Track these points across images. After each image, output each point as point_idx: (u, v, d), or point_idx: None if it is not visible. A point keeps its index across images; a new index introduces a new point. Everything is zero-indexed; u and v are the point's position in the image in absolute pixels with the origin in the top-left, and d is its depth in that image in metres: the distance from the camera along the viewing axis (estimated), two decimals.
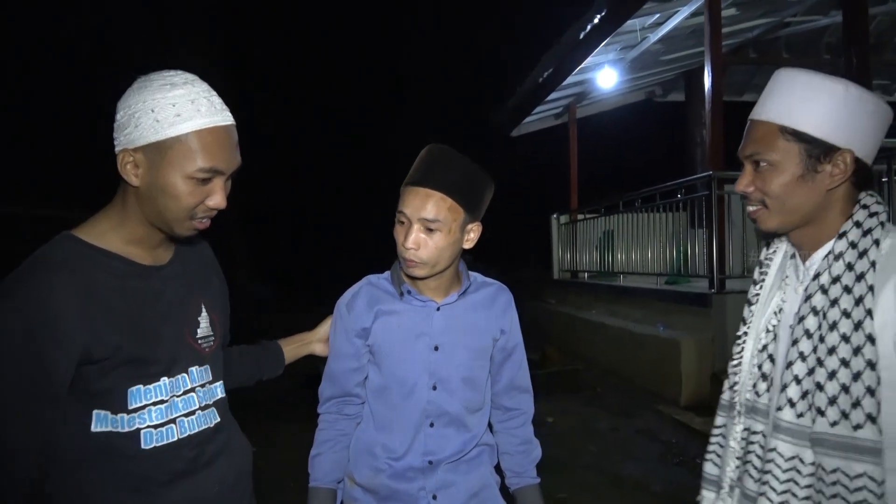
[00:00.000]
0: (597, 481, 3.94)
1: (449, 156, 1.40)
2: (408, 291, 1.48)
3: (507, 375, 1.59)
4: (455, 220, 1.38)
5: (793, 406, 1.10)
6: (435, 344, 1.47)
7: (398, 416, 1.47)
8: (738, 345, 1.28)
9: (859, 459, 1.02)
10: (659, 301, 6.62)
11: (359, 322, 1.48)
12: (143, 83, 1.10)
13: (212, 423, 1.24)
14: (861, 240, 1.09)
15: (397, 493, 1.46)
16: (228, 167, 1.14)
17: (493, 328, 1.54)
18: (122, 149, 1.10)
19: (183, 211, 1.12)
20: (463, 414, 1.49)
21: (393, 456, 1.46)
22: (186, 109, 1.08)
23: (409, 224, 1.38)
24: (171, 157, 1.08)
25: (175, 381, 1.18)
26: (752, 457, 1.18)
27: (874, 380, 1.03)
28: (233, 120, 1.15)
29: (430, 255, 1.39)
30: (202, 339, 1.25)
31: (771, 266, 1.27)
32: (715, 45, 5.76)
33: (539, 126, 11.30)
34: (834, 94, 1.09)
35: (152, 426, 1.14)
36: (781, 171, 1.11)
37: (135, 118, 1.08)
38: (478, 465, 1.53)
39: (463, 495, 1.48)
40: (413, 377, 1.46)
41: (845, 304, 1.07)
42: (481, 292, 1.55)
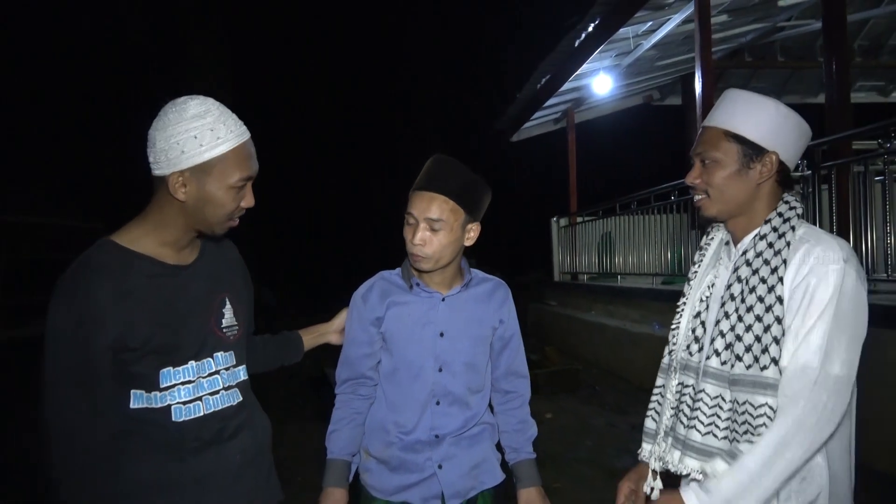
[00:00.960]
0: (591, 473, 4.10)
1: (451, 164, 1.62)
2: (416, 284, 1.67)
3: (506, 362, 1.77)
4: (456, 220, 1.60)
5: (718, 355, 1.35)
6: (440, 331, 1.66)
7: (407, 395, 1.66)
8: (677, 313, 1.52)
9: (763, 393, 1.27)
10: (655, 301, 6.77)
11: (373, 312, 1.68)
12: (178, 113, 1.28)
13: (234, 402, 1.43)
14: (781, 226, 1.35)
15: (407, 462, 1.65)
16: (255, 173, 1.36)
17: (493, 318, 1.73)
18: (172, 171, 1.28)
19: (226, 215, 1.34)
20: (465, 394, 1.68)
21: (403, 431, 1.65)
22: (222, 132, 1.29)
23: (417, 224, 1.59)
24: (214, 173, 1.30)
25: (201, 364, 1.37)
26: (684, 406, 1.41)
27: (780, 332, 1.28)
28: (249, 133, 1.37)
29: (434, 251, 1.59)
30: (226, 328, 1.44)
31: (708, 250, 1.53)
32: (705, 51, 5.91)
33: (538, 131, 11.49)
34: (767, 108, 1.34)
35: (181, 402, 1.34)
36: (723, 167, 1.36)
37: (179, 145, 1.27)
38: (479, 440, 1.72)
39: (465, 466, 1.67)
40: (420, 360, 1.66)
41: (763, 273, 1.32)
42: (482, 286, 1.75)
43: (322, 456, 1.71)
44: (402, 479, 1.65)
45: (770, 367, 1.27)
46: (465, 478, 1.67)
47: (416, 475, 1.65)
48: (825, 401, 1.22)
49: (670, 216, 7.22)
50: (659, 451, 1.47)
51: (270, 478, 1.54)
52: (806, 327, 1.25)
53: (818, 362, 1.23)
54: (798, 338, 1.26)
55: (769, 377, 1.27)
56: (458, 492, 1.66)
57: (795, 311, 1.27)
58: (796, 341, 1.26)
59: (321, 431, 1.75)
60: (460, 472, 1.67)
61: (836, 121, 4.66)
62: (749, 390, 1.28)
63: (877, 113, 8.86)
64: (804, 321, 1.25)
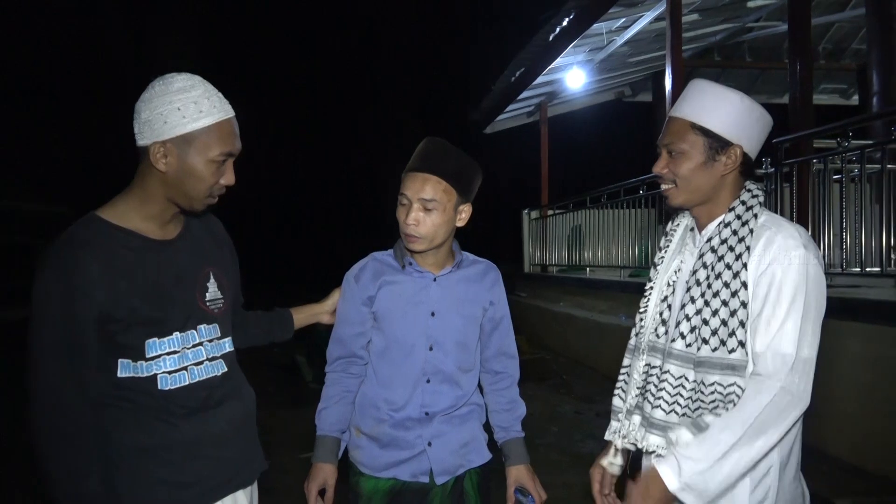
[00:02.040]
0: (558, 458, 4.21)
1: (444, 146, 1.65)
2: (409, 263, 1.69)
3: (496, 342, 1.80)
4: (449, 201, 1.62)
5: (683, 338, 1.39)
6: (432, 310, 1.69)
7: (399, 373, 1.69)
8: (644, 297, 1.58)
9: (732, 374, 1.32)
10: (623, 293, 6.91)
11: (365, 291, 1.70)
12: (164, 86, 1.32)
13: (219, 372, 1.47)
14: (744, 213, 1.40)
15: (397, 439, 1.67)
16: (237, 150, 1.38)
17: (483, 299, 1.75)
18: (153, 141, 1.31)
19: (205, 189, 1.36)
20: (456, 373, 1.71)
21: (394, 408, 1.68)
22: (205, 106, 1.32)
23: (410, 204, 1.61)
24: (196, 145, 1.32)
25: (186, 335, 1.41)
26: (650, 386, 1.47)
27: (745, 315, 1.33)
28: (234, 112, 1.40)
29: (427, 231, 1.61)
30: (210, 301, 1.47)
31: (674, 236, 1.58)
32: (676, 49, 6.04)
33: (512, 124, 11.58)
34: (732, 102, 1.38)
35: (167, 372, 1.37)
36: (689, 158, 1.40)
37: (163, 115, 1.30)
38: (468, 420, 1.74)
39: (454, 444, 1.70)
40: (412, 339, 1.68)
41: (728, 259, 1.37)
42: (473, 268, 1.77)
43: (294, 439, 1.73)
44: (392, 455, 1.67)
45: (737, 349, 1.32)
46: (454, 455, 1.70)
47: (407, 452, 1.67)
48: (797, 382, 1.29)
49: (638, 210, 7.37)
50: (624, 429, 1.52)
51: (255, 446, 1.58)
52: (778, 316, 1.30)
53: (793, 349, 1.28)
54: (771, 326, 1.30)
55: (736, 359, 1.32)
56: (447, 469, 1.69)
57: (763, 297, 1.32)
58: (769, 329, 1.30)
59: (293, 418, 1.78)
60: (449, 449, 1.69)
61: (799, 120, 4.82)
62: (717, 372, 1.33)
63: (838, 115, 9.14)
64: (775, 310, 1.30)
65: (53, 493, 1.29)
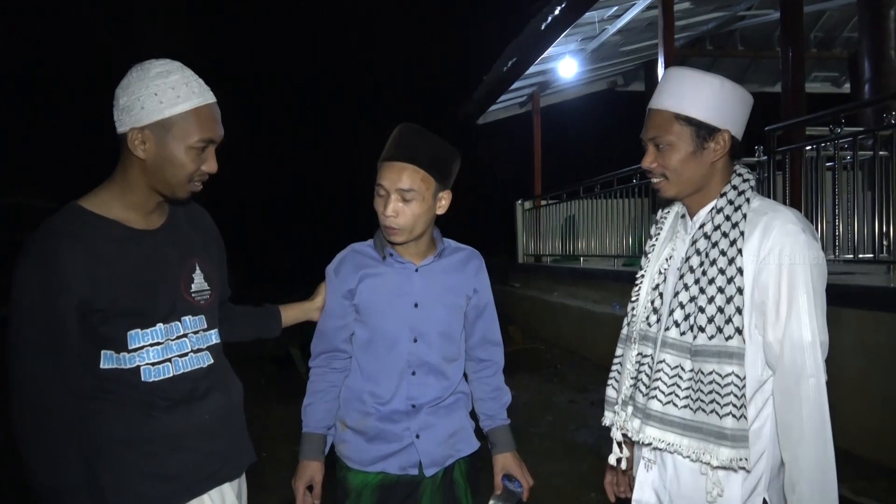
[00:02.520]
0: (552, 447, 4.22)
1: (419, 133, 1.60)
2: (390, 254, 1.65)
3: (480, 330, 1.77)
4: (428, 189, 1.57)
5: (678, 326, 1.37)
6: (415, 301, 1.65)
7: (384, 366, 1.66)
8: (635, 286, 1.55)
9: (729, 362, 1.30)
10: (616, 282, 6.92)
11: (345, 284, 1.67)
12: (141, 72, 1.30)
13: (205, 364, 1.44)
14: (736, 198, 1.37)
15: (384, 432, 1.65)
16: (219, 136, 1.35)
17: (467, 287, 1.72)
18: (130, 128, 1.29)
19: (185, 176, 1.33)
20: (441, 363, 1.67)
21: (380, 401, 1.65)
22: (183, 91, 1.29)
23: (388, 195, 1.56)
24: (174, 131, 1.29)
25: (170, 327, 1.38)
26: (642, 376, 1.45)
27: (742, 302, 1.31)
28: (215, 98, 1.37)
29: (407, 222, 1.57)
30: (196, 293, 1.44)
31: (665, 224, 1.56)
32: (668, 37, 6.02)
33: (504, 114, 11.54)
34: (713, 87, 1.35)
35: (150, 363, 1.35)
36: (677, 150, 1.37)
37: (140, 101, 1.27)
38: (454, 409, 1.72)
39: (442, 435, 1.67)
40: (396, 331, 1.65)
41: (723, 246, 1.34)
42: (455, 256, 1.73)
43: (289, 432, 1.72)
44: (379, 449, 1.65)
45: (735, 336, 1.29)
46: (443, 446, 1.67)
47: (395, 445, 1.64)
48: (822, 367, 1.29)
49: (631, 200, 7.37)
50: (619, 420, 1.51)
51: (243, 439, 1.56)
52: (788, 302, 1.28)
53: (811, 335, 1.27)
54: (781, 313, 1.28)
55: (733, 346, 1.29)
56: (436, 460, 1.66)
57: (768, 285, 1.30)
58: (780, 317, 1.28)
59: (286, 410, 1.76)
60: (437, 440, 1.67)
61: (791, 108, 4.81)
62: (714, 360, 1.31)
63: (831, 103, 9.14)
64: (784, 297, 1.28)
65: (34, 484, 1.27)
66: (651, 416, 1.39)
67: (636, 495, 1.49)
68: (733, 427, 1.28)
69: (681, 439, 1.35)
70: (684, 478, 1.38)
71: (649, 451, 1.45)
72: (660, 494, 1.44)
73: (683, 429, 1.34)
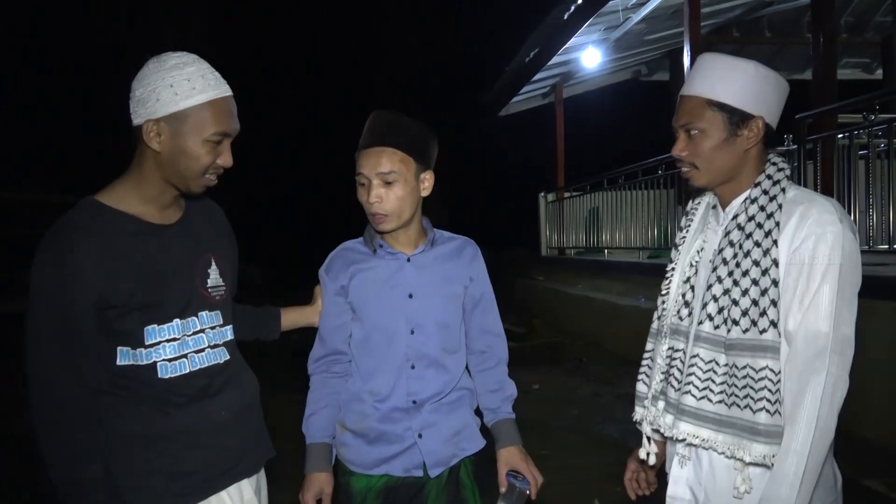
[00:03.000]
0: (576, 441, 4.18)
1: (391, 116, 1.57)
2: (380, 246, 1.62)
3: (478, 321, 1.72)
4: (409, 170, 1.54)
5: (711, 320, 1.33)
6: (409, 292, 1.61)
7: (382, 361, 1.61)
8: (666, 279, 1.51)
9: (763, 356, 1.26)
10: (640, 275, 6.85)
11: (337, 281, 1.63)
12: (158, 64, 1.29)
13: (221, 360, 1.43)
14: (771, 188, 1.33)
15: (385, 434, 1.59)
16: (234, 131, 1.34)
17: (462, 276, 1.67)
18: (146, 120, 1.28)
19: (200, 169, 1.32)
20: (441, 355, 1.63)
21: (378, 398, 1.60)
22: (199, 83, 1.28)
23: (369, 182, 1.53)
24: (189, 124, 1.28)
25: (186, 322, 1.37)
26: (674, 370, 1.41)
27: (776, 294, 1.27)
28: (231, 91, 1.35)
29: (393, 206, 1.54)
30: (212, 288, 1.44)
31: (696, 215, 1.51)
32: (694, 25, 5.91)
33: (526, 106, 11.45)
34: (747, 72, 1.31)
35: (167, 359, 1.34)
36: (709, 137, 1.33)
37: (156, 93, 1.26)
38: (458, 406, 1.66)
39: (446, 434, 1.62)
40: (392, 324, 1.60)
41: (757, 237, 1.30)
42: (448, 245, 1.69)
43: None
44: (381, 451, 1.60)
45: (769, 329, 1.26)
46: (447, 445, 1.62)
47: (396, 446, 1.59)
48: (837, 362, 1.23)
49: (657, 191, 7.27)
50: (650, 415, 1.47)
51: (260, 435, 1.54)
52: (811, 292, 1.24)
53: (829, 327, 1.23)
54: (804, 303, 1.25)
55: (768, 340, 1.26)
56: (440, 460, 1.61)
57: (797, 275, 1.26)
58: (802, 306, 1.25)
59: None
60: (441, 439, 1.62)
61: (822, 95, 4.70)
62: (748, 354, 1.28)
63: (862, 90, 8.91)
64: (809, 284, 1.25)
65: (53, 477, 1.27)
66: (685, 412, 1.35)
67: (670, 491, 1.45)
68: (767, 422, 1.25)
69: (716, 435, 1.31)
70: (720, 474, 1.35)
71: (683, 447, 1.41)
72: (695, 491, 1.40)
73: (718, 424, 1.31)
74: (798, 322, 1.26)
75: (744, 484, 1.30)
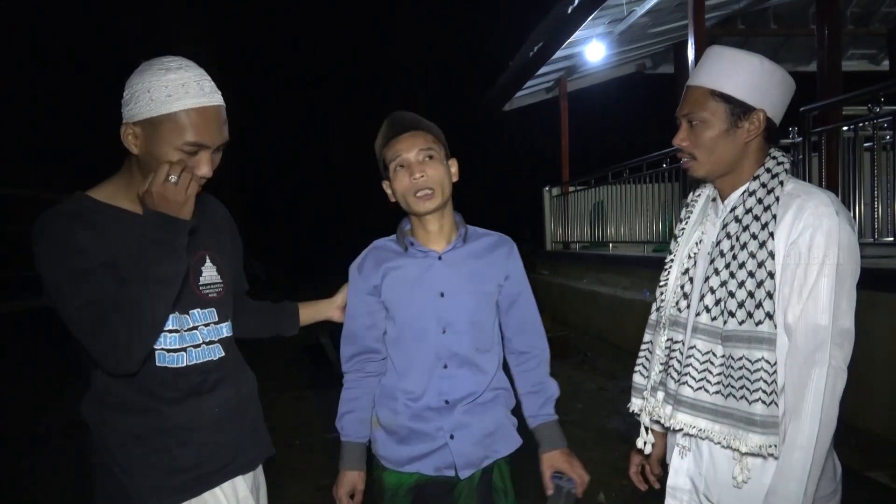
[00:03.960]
0: (582, 434, 4.20)
1: (410, 113, 1.62)
2: (411, 244, 1.61)
3: (516, 320, 1.69)
4: (440, 151, 1.59)
5: (709, 311, 1.35)
6: (440, 291, 1.59)
7: (414, 360, 1.60)
8: (664, 270, 1.53)
9: (759, 348, 1.28)
10: (646, 268, 6.84)
11: (369, 281, 1.63)
12: (144, 67, 1.29)
13: (215, 357, 1.43)
14: (770, 181, 1.34)
15: (416, 432, 1.59)
16: (213, 142, 1.30)
17: (497, 275, 1.65)
18: (125, 122, 1.29)
19: None
20: (473, 354, 1.61)
21: (411, 397, 1.59)
22: (177, 91, 1.25)
23: (410, 162, 1.55)
24: (162, 131, 1.26)
25: (181, 318, 1.38)
26: (673, 362, 1.43)
27: (773, 286, 1.29)
28: (220, 101, 1.31)
29: (438, 179, 1.56)
30: (205, 286, 1.44)
31: (695, 207, 1.53)
32: (698, 17, 5.89)
33: (530, 100, 11.42)
34: (752, 65, 1.33)
35: (167, 349, 1.35)
36: (710, 127, 1.35)
37: (135, 97, 1.27)
38: (492, 407, 1.64)
39: (477, 435, 1.60)
40: (423, 323, 1.59)
41: (754, 229, 1.32)
42: (482, 241, 1.67)
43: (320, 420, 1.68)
44: (412, 449, 1.60)
45: (765, 321, 1.28)
46: (478, 447, 1.60)
47: (427, 445, 1.59)
48: (837, 355, 1.24)
49: (661, 185, 7.26)
50: (649, 406, 1.49)
51: (257, 432, 1.54)
52: (809, 284, 1.25)
53: (828, 320, 1.24)
54: (803, 296, 1.26)
55: (764, 332, 1.28)
56: (471, 462, 1.59)
57: (795, 267, 1.27)
58: (801, 299, 1.26)
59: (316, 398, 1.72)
60: (473, 441, 1.59)
61: (827, 87, 4.69)
62: (744, 345, 1.29)
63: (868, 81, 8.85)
64: (807, 277, 1.26)
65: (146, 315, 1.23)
66: (682, 402, 1.37)
67: (671, 481, 1.47)
68: (763, 413, 1.26)
69: (712, 425, 1.33)
70: (720, 464, 1.37)
71: (683, 437, 1.43)
72: (695, 481, 1.42)
73: (715, 415, 1.33)
74: (797, 315, 1.27)
75: (741, 473, 1.31)
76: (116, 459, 1.34)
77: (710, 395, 1.33)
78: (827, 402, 1.23)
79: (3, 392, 5.31)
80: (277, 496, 1.71)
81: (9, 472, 3.88)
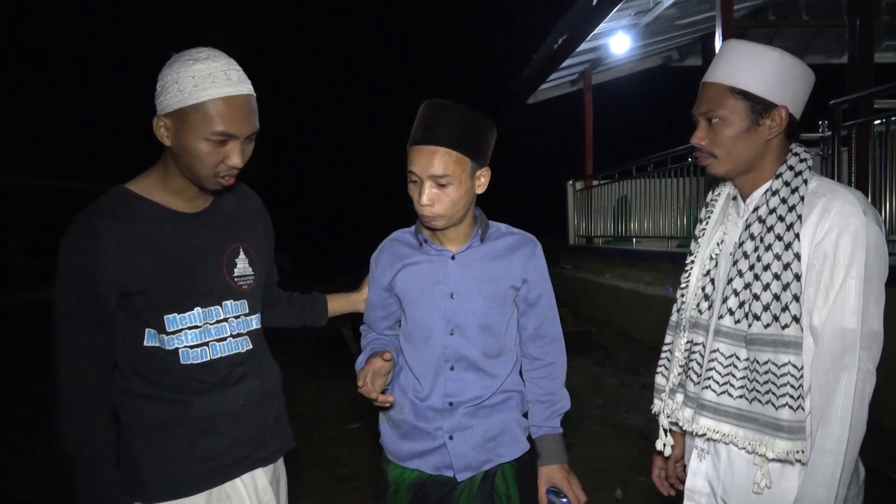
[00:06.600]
0: (602, 430, 4.18)
1: (445, 108, 1.45)
2: (425, 241, 1.56)
3: (532, 324, 1.61)
4: (464, 171, 1.44)
5: (732, 314, 1.32)
6: (450, 291, 1.53)
7: (422, 358, 1.57)
8: (685, 272, 1.49)
9: (785, 352, 1.24)
10: (669, 264, 6.76)
11: (383, 276, 1.61)
12: (174, 59, 1.30)
13: (243, 349, 1.45)
14: (793, 179, 1.30)
15: (417, 429, 1.56)
16: (242, 132, 1.30)
17: (513, 276, 1.56)
18: (157, 114, 1.31)
19: (206, 168, 1.30)
20: (481, 359, 1.55)
21: (419, 395, 1.56)
22: (204, 81, 1.25)
23: (421, 182, 1.44)
24: (190, 121, 1.27)
25: (208, 311, 1.39)
26: (693, 364, 1.40)
27: (799, 289, 1.25)
28: (249, 91, 1.30)
29: (445, 209, 1.45)
30: (239, 277, 1.45)
31: (715, 207, 1.48)
32: (727, 9, 5.77)
33: (555, 93, 11.33)
34: (772, 60, 1.28)
35: (188, 346, 1.37)
36: (730, 125, 1.30)
37: (165, 88, 1.28)
38: (499, 410, 1.58)
39: (478, 438, 1.55)
40: (430, 323, 1.54)
41: (779, 230, 1.28)
42: (502, 241, 1.59)
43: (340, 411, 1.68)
44: (412, 446, 1.57)
45: (791, 325, 1.24)
46: (478, 450, 1.55)
47: (427, 443, 1.56)
48: (866, 357, 1.21)
49: (686, 179, 7.16)
50: (667, 408, 1.47)
51: (279, 424, 1.55)
52: (836, 286, 1.22)
53: (856, 323, 1.20)
54: (829, 298, 1.22)
55: (790, 335, 1.24)
56: (469, 465, 1.55)
57: (821, 269, 1.23)
58: (827, 301, 1.23)
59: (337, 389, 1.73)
60: (472, 444, 1.54)
61: (859, 80, 4.57)
62: (770, 349, 1.25)
63: None
64: (833, 279, 1.22)
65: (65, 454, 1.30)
66: (705, 407, 1.34)
67: (689, 483, 1.45)
68: (790, 419, 1.23)
69: (736, 430, 1.30)
70: (738, 468, 1.34)
71: (702, 440, 1.40)
72: (713, 484, 1.40)
73: (739, 419, 1.30)
74: (824, 318, 1.23)
75: (764, 479, 1.29)
76: (139, 446, 1.36)
77: (734, 400, 1.30)
78: (856, 406, 1.20)
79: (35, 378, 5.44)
80: (296, 486, 1.72)
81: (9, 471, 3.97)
